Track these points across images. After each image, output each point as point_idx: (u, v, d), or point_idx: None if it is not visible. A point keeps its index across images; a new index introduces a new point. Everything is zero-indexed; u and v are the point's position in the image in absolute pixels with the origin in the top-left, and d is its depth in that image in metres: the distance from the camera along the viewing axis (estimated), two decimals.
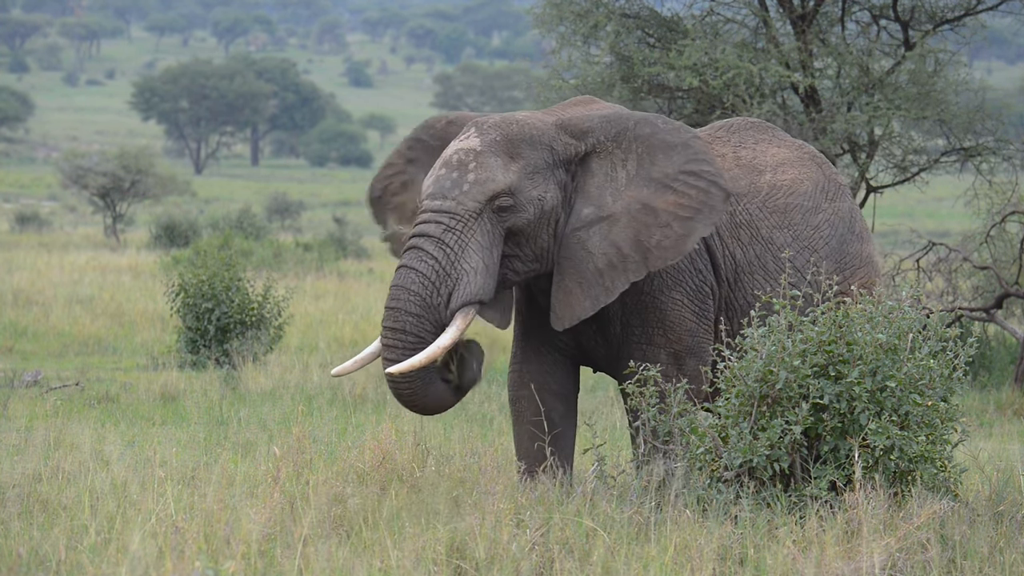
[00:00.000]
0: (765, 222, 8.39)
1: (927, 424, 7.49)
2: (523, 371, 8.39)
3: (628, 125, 8.12)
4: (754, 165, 8.55)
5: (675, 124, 8.15)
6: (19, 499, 7.70)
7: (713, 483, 7.43)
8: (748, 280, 8.32)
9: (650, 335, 8.13)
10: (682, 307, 8.15)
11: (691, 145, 8.08)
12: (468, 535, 6.79)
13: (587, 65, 16.16)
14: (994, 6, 16.45)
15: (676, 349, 8.12)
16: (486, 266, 7.79)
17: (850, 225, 8.62)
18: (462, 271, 7.75)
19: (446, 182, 7.85)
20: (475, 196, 7.80)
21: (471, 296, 7.75)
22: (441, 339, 7.69)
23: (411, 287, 7.73)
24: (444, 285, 7.74)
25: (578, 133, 8.09)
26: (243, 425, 11.11)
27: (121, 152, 39.21)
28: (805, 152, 8.72)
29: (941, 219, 52.08)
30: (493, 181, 7.82)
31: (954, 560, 6.91)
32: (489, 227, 7.83)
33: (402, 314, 7.73)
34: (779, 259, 8.34)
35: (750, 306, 8.26)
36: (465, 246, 7.77)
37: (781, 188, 8.49)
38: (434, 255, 7.74)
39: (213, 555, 6.46)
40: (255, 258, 27.77)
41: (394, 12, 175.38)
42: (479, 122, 8.04)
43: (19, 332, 17.95)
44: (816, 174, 8.63)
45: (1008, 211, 16.38)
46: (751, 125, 8.81)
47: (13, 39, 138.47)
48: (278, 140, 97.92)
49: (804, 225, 8.45)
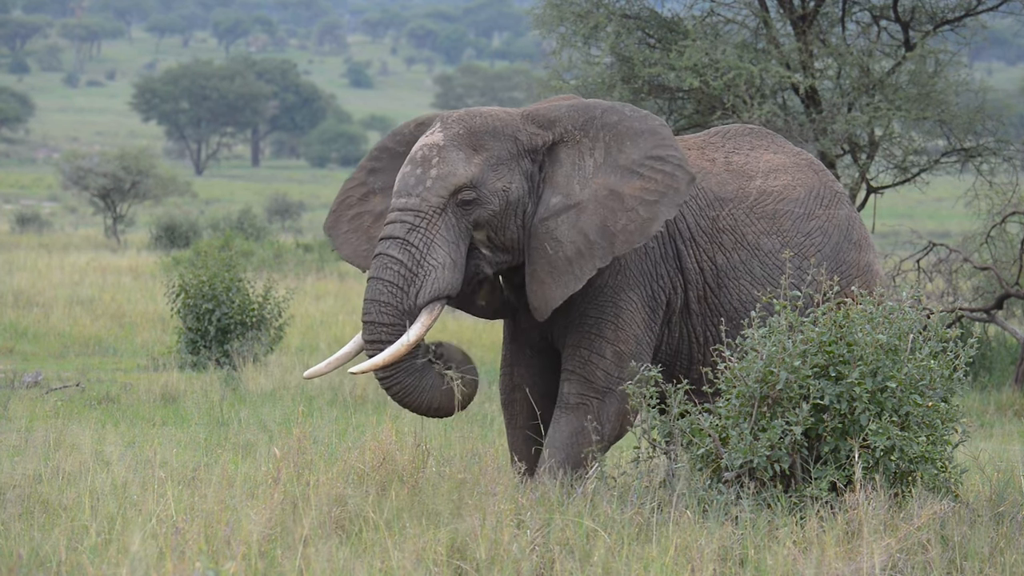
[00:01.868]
0: (752, 228, 8.36)
1: (928, 425, 7.49)
2: (513, 374, 8.42)
3: (595, 114, 8.14)
4: (744, 171, 8.52)
5: (641, 112, 8.18)
6: (20, 500, 7.69)
7: (714, 484, 7.43)
8: (733, 285, 8.29)
9: (601, 327, 8.10)
10: (635, 311, 8.14)
11: (657, 131, 8.11)
12: (469, 536, 6.79)
13: (587, 66, 16.17)
14: (994, 7, 16.46)
15: (620, 349, 8.08)
16: (453, 261, 7.85)
17: (847, 233, 8.54)
18: (428, 267, 7.81)
19: (410, 179, 7.93)
20: (438, 191, 7.85)
21: (438, 292, 7.81)
22: (407, 335, 7.77)
23: (380, 298, 7.84)
24: (412, 287, 7.82)
25: (545, 123, 8.11)
26: (243, 426, 11.11)
27: (121, 153, 39.20)
28: (802, 159, 8.69)
29: (941, 220, 52.09)
30: (455, 175, 7.87)
31: (955, 561, 6.91)
32: (454, 221, 7.88)
33: (377, 327, 7.85)
34: (767, 265, 8.31)
35: (736, 311, 8.25)
36: (430, 242, 7.82)
37: (771, 194, 8.45)
38: (399, 258, 7.81)
39: (214, 556, 6.46)
40: (255, 259, 27.77)
41: (394, 13, 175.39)
42: (444, 117, 8.10)
43: (20, 333, 17.95)
44: (812, 180, 8.57)
45: (1008, 212, 16.39)
46: (748, 131, 8.80)
47: (13, 40, 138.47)
48: (278, 141, 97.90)
49: (795, 232, 8.41)
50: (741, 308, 8.25)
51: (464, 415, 11.97)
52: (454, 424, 10.52)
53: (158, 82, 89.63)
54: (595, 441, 8.00)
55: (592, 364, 8.06)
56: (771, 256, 8.32)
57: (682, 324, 8.28)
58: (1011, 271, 16.27)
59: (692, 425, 7.61)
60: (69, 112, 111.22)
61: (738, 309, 8.25)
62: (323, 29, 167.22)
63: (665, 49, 16.01)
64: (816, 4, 16.06)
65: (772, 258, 8.32)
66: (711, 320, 8.27)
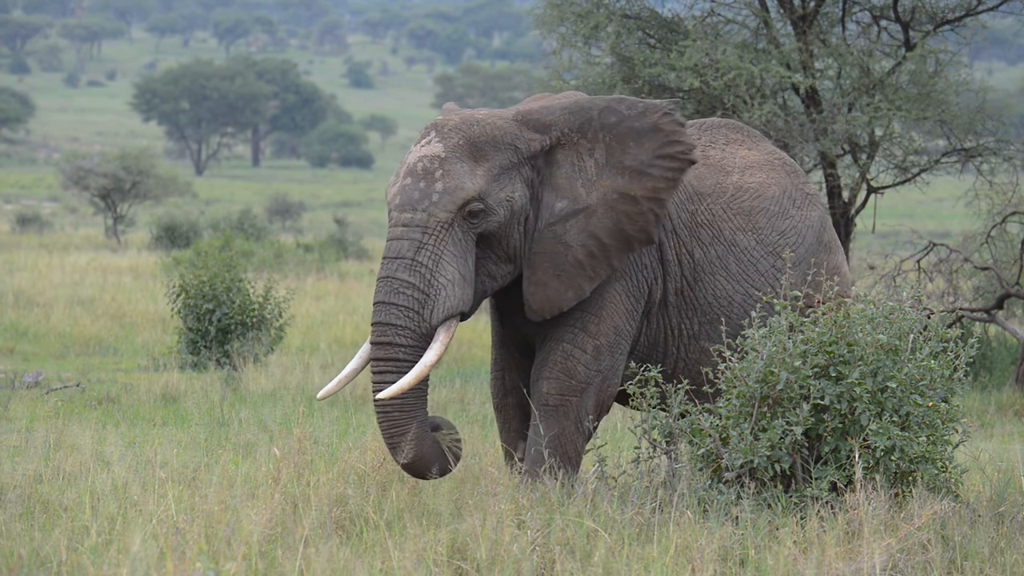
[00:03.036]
0: (729, 223, 8.35)
1: (928, 425, 7.49)
2: (505, 379, 8.38)
3: (592, 115, 8.04)
4: (722, 166, 8.52)
5: (641, 107, 8.08)
6: (20, 500, 7.70)
7: (714, 484, 7.43)
8: (709, 280, 8.28)
9: (584, 321, 8.04)
10: (618, 302, 8.09)
11: (660, 127, 8.05)
12: (469, 536, 6.79)
13: (588, 66, 16.17)
14: (995, 7, 16.46)
15: (600, 343, 8.03)
16: (462, 276, 7.71)
17: (819, 235, 8.57)
18: (439, 286, 7.66)
19: (414, 192, 7.72)
20: (445, 206, 7.68)
21: (451, 310, 7.68)
22: (427, 356, 7.62)
23: (397, 323, 7.66)
24: (426, 307, 7.67)
25: (540, 127, 7.98)
26: (244, 426, 11.11)
27: (122, 153, 39.22)
28: (776, 158, 8.69)
29: (942, 220, 52.08)
30: (462, 189, 7.70)
31: (955, 561, 6.91)
32: (460, 235, 7.73)
33: (394, 348, 7.67)
34: (742, 261, 8.31)
35: (710, 305, 8.25)
36: (439, 259, 7.67)
37: (748, 190, 8.45)
38: (410, 281, 7.65)
39: (214, 556, 6.46)
40: (256, 259, 27.78)
41: (395, 13, 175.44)
42: (439, 125, 7.89)
43: (20, 333, 17.95)
44: (785, 181, 8.58)
45: (1008, 212, 16.39)
46: (724, 125, 8.79)
47: (14, 40, 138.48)
48: (279, 141, 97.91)
49: (770, 230, 8.41)
50: (715, 303, 8.25)
51: (465, 416, 11.98)
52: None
53: (158, 82, 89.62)
54: (577, 440, 7.99)
55: (573, 359, 8.00)
56: (746, 253, 8.32)
57: (660, 317, 8.26)
58: (1011, 271, 16.27)
59: (692, 425, 7.61)
60: (69, 112, 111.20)
61: (712, 304, 8.24)
62: (323, 29, 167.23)
63: (665, 49, 16.01)
64: (816, 4, 16.06)
65: (747, 255, 8.32)
66: (685, 314, 8.25)
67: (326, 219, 50.58)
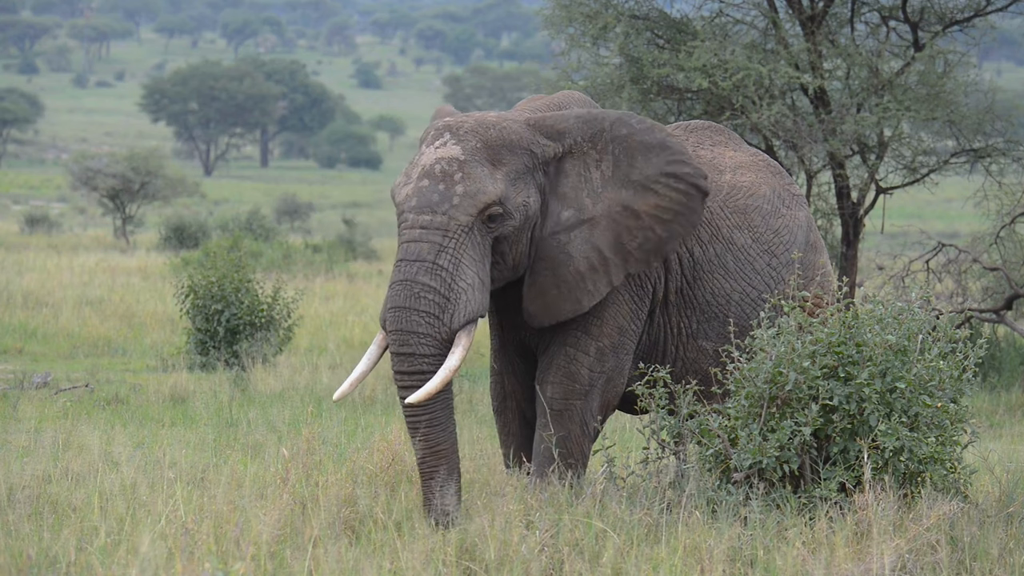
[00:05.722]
0: (726, 221, 8.36)
1: (937, 425, 7.49)
2: (504, 382, 8.37)
3: (604, 126, 8.00)
4: (714, 164, 8.53)
5: (650, 123, 8.06)
6: (29, 500, 7.71)
7: (723, 484, 7.43)
8: (708, 279, 8.28)
9: (586, 324, 8.02)
10: (621, 302, 8.07)
11: (669, 145, 8.01)
12: (478, 536, 6.80)
13: (596, 66, 16.17)
14: (1004, 7, 16.45)
15: (603, 344, 8.01)
16: (481, 280, 7.65)
17: (807, 234, 8.61)
18: (460, 290, 7.57)
19: (432, 195, 7.62)
20: (467, 209, 7.60)
21: (471, 314, 7.60)
22: (450, 361, 7.53)
23: (419, 330, 7.55)
24: (447, 312, 7.57)
25: (554, 134, 7.94)
26: (252, 426, 11.12)
27: (130, 154, 39.25)
28: (760, 159, 8.73)
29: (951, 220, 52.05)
30: (484, 192, 7.63)
31: (964, 562, 6.91)
32: (479, 239, 7.65)
33: (418, 359, 7.56)
34: (739, 259, 8.32)
35: (708, 304, 8.25)
36: (459, 263, 7.58)
37: (741, 189, 8.46)
38: (432, 286, 7.55)
39: (223, 556, 6.47)
40: (264, 260, 27.79)
41: (403, 13, 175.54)
42: (453, 127, 7.80)
43: (29, 334, 17.97)
44: (773, 181, 8.62)
45: (1017, 212, 16.36)
46: (707, 127, 8.81)
47: (23, 41, 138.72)
48: (287, 141, 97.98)
49: (764, 228, 8.43)
50: (713, 302, 8.25)
51: (474, 417, 11.98)
52: (462, 425, 10.52)
53: (167, 83, 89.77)
54: (583, 442, 7.99)
55: (576, 363, 7.98)
56: (744, 251, 8.33)
57: (661, 316, 8.26)
58: (1020, 272, 16.26)
59: (701, 426, 7.61)
60: (78, 113, 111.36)
61: (710, 303, 8.25)
62: (332, 30, 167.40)
63: (674, 50, 16.00)
64: (825, 5, 16.06)
65: (744, 253, 8.33)
66: (684, 313, 8.26)
67: (335, 220, 50.59)
